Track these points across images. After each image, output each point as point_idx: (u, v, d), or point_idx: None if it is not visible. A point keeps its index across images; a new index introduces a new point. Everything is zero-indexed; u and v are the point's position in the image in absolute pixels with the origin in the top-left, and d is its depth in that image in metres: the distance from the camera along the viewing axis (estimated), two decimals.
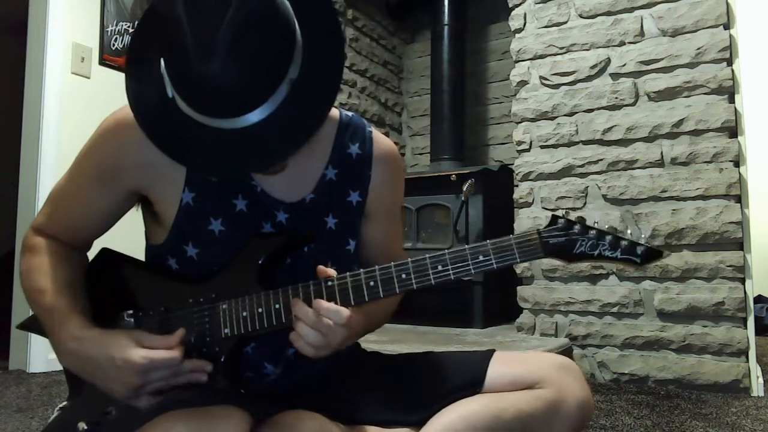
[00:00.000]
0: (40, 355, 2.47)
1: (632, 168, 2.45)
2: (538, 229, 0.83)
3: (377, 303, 0.89)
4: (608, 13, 2.55)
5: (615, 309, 2.42)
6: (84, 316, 0.85)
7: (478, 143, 3.73)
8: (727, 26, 2.31)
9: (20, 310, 2.48)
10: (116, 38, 2.77)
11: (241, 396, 0.87)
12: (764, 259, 3.09)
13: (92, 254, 0.98)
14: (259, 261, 0.86)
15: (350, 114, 1.02)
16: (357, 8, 3.60)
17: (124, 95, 0.80)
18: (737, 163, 2.25)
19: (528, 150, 2.69)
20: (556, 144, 2.62)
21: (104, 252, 0.96)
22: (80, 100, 2.62)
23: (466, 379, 0.91)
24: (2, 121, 3.76)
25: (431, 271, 0.82)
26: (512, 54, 2.78)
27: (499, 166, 3.05)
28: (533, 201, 2.65)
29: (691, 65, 2.36)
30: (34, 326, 0.93)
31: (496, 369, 0.91)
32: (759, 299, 3.80)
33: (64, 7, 2.59)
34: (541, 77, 2.68)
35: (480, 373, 0.91)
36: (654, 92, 2.42)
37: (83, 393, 0.90)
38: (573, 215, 0.83)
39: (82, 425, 0.85)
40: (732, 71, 2.28)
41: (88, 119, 1.93)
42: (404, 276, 0.83)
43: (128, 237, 1.15)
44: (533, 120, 2.68)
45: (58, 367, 2.40)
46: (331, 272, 0.85)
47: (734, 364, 2.18)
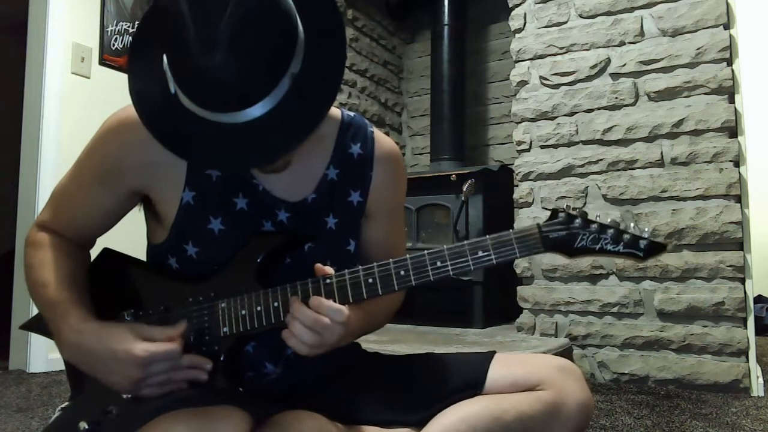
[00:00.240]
0: (40, 355, 2.47)
1: (632, 168, 2.44)
2: (538, 224, 0.82)
3: (377, 302, 0.89)
4: (608, 13, 2.55)
5: (615, 309, 2.42)
6: (86, 310, 0.85)
7: (478, 143, 3.73)
8: (727, 26, 2.31)
9: (20, 310, 2.48)
10: (116, 38, 2.77)
11: (241, 396, 0.86)
12: (764, 259, 3.09)
13: (94, 253, 0.99)
14: (258, 260, 0.86)
15: (352, 114, 1.02)
16: (357, 8, 3.60)
17: (125, 95, 0.81)
18: (737, 163, 2.25)
19: (528, 150, 2.69)
20: (556, 144, 2.62)
21: (105, 252, 0.97)
22: (80, 100, 2.62)
23: (467, 381, 0.91)
24: (2, 121, 3.76)
25: (430, 268, 0.82)
26: (512, 54, 2.78)
27: (499, 166, 3.05)
28: (533, 201, 2.65)
29: (691, 65, 2.36)
30: (37, 327, 0.93)
31: (497, 371, 0.91)
32: (759, 299, 3.80)
33: (64, 7, 2.59)
34: (541, 77, 2.68)
35: (480, 375, 0.91)
36: (654, 92, 2.42)
37: (84, 392, 0.90)
38: (574, 209, 0.82)
39: (83, 425, 0.85)
40: (732, 71, 2.28)
41: (88, 119, 1.93)
42: (403, 273, 0.82)
43: (130, 237, 1.16)
44: (533, 120, 2.68)
45: (58, 367, 2.42)
46: (329, 270, 0.84)
47: (734, 364, 2.18)
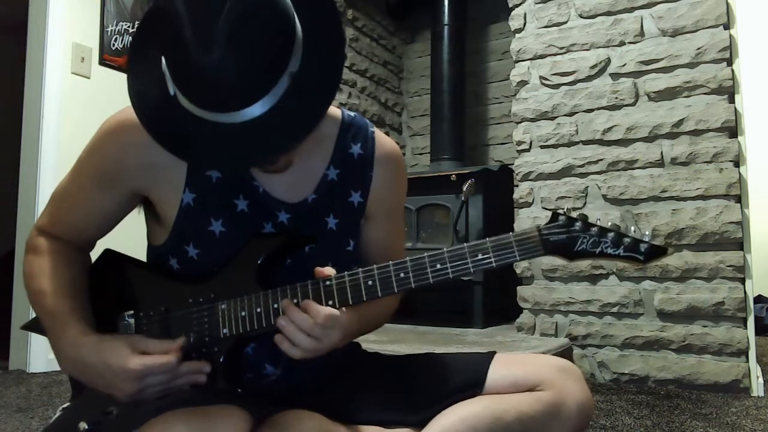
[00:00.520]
0: (40, 355, 2.47)
1: (632, 168, 2.44)
2: (539, 227, 0.82)
3: (375, 303, 0.89)
4: (608, 13, 2.54)
5: (615, 309, 2.42)
6: (84, 321, 0.85)
7: (478, 143, 3.73)
8: (727, 26, 2.31)
9: (20, 310, 2.48)
10: (116, 38, 2.77)
11: (241, 396, 0.87)
12: (764, 259, 3.09)
13: (95, 254, 0.99)
14: (259, 261, 0.86)
15: (353, 114, 1.02)
16: (357, 8, 3.60)
17: (125, 95, 0.80)
18: (737, 163, 2.25)
19: (528, 150, 2.69)
20: (556, 144, 2.62)
21: (106, 253, 0.97)
22: (80, 100, 2.62)
23: (467, 381, 0.91)
24: (2, 121, 3.76)
25: (430, 270, 0.82)
26: (512, 54, 2.78)
27: (499, 166, 3.05)
28: (533, 201, 2.65)
29: (691, 65, 2.35)
30: (38, 327, 0.93)
31: (497, 371, 0.91)
32: (759, 299, 3.80)
33: (64, 7, 2.59)
34: (541, 77, 2.68)
35: (481, 375, 0.91)
36: (654, 92, 2.42)
37: (84, 393, 0.90)
38: (574, 213, 0.82)
39: (83, 425, 0.85)
40: (732, 71, 2.28)
41: (88, 119, 1.93)
42: (402, 275, 0.82)
43: (130, 238, 1.16)
44: (533, 120, 2.68)
45: (59, 367, 2.41)
46: (329, 272, 0.84)
47: (734, 364, 2.18)
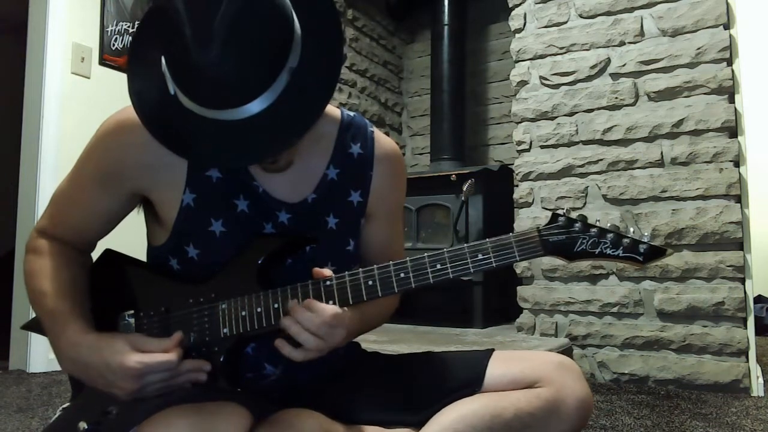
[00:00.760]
0: (40, 355, 2.47)
1: (632, 168, 2.44)
2: (538, 227, 0.82)
3: (374, 303, 0.89)
4: (608, 13, 2.54)
5: (615, 309, 2.42)
6: (83, 321, 0.85)
7: (478, 143, 3.73)
8: (727, 26, 2.31)
9: (20, 310, 2.48)
10: (116, 38, 2.77)
11: (241, 394, 0.87)
12: (764, 259, 3.09)
13: (95, 254, 0.99)
14: (259, 261, 0.86)
15: (352, 114, 1.02)
16: (357, 8, 3.60)
17: (125, 95, 0.81)
18: (737, 163, 2.25)
19: (528, 150, 2.69)
20: (556, 144, 2.62)
21: (107, 253, 0.97)
22: (80, 100, 2.62)
23: (466, 379, 0.91)
24: (2, 121, 3.76)
25: (430, 270, 0.82)
26: (512, 54, 2.78)
27: (499, 166, 3.05)
28: (533, 201, 2.65)
29: (691, 65, 2.35)
30: (38, 327, 0.93)
31: (496, 368, 0.91)
32: (759, 299, 3.80)
33: (64, 7, 2.59)
34: (541, 77, 2.68)
35: (479, 373, 0.91)
36: (654, 92, 2.42)
37: (84, 393, 0.90)
38: (574, 214, 0.83)
39: (83, 425, 0.85)
40: (732, 71, 2.28)
41: (88, 119, 1.93)
42: (403, 275, 0.83)
43: (130, 238, 1.16)
44: (533, 120, 2.68)
45: (58, 367, 2.40)
46: (328, 273, 0.85)
47: (734, 364, 2.18)
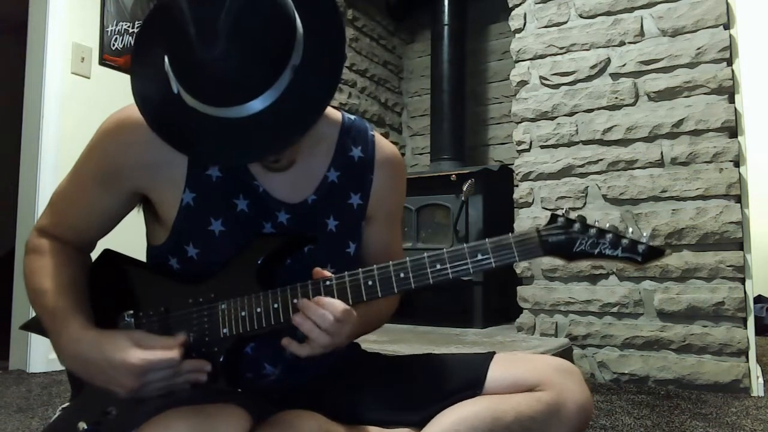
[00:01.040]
0: (40, 355, 2.47)
1: (632, 168, 2.44)
2: (538, 228, 0.82)
3: (375, 304, 0.89)
4: (608, 13, 2.54)
5: (615, 309, 2.42)
6: (85, 318, 0.85)
7: (478, 143, 3.73)
8: (727, 26, 2.31)
9: (20, 310, 2.48)
10: (116, 38, 2.77)
11: (241, 395, 0.87)
12: (764, 259, 3.09)
13: (95, 254, 0.99)
14: (258, 261, 0.86)
15: (353, 117, 1.03)
16: (357, 8, 3.60)
17: (125, 95, 0.81)
18: (737, 163, 2.25)
19: (528, 150, 2.69)
20: (556, 144, 2.62)
21: (106, 253, 0.97)
22: (80, 100, 2.62)
23: (467, 381, 0.91)
24: (2, 121, 3.76)
25: (429, 270, 0.82)
26: (512, 54, 2.78)
27: (499, 166, 3.05)
28: (533, 201, 2.65)
29: (691, 65, 2.35)
30: (37, 327, 0.93)
31: (497, 371, 0.91)
32: (759, 299, 3.80)
33: (64, 7, 2.59)
34: (541, 77, 2.68)
35: (480, 375, 0.91)
36: (654, 92, 2.42)
37: (83, 393, 0.90)
38: (573, 214, 0.83)
39: (83, 425, 0.85)
40: (732, 71, 2.28)
41: (88, 119, 1.93)
42: (402, 275, 0.83)
43: (130, 238, 1.16)
44: (533, 120, 2.68)
45: (58, 367, 2.41)
46: (327, 274, 0.85)
47: (734, 364, 2.18)
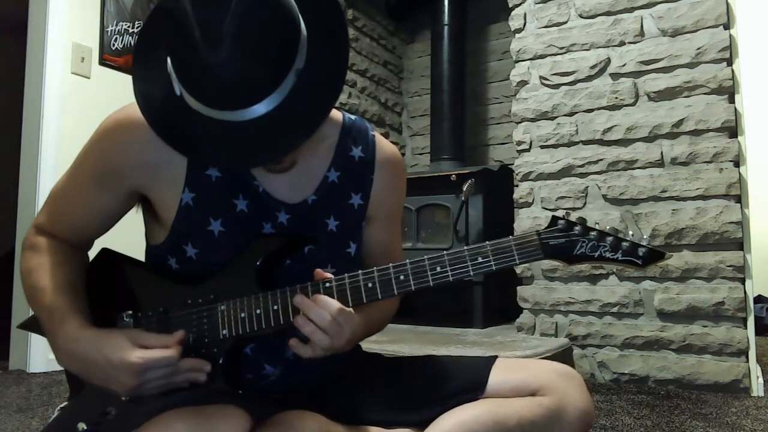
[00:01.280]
0: (40, 355, 2.47)
1: (632, 168, 2.44)
2: (538, 231, 0.82)
3: (375, 307, 0.89)
4: (608, 13, 2.54)
5: (615, 309, 2.42)
6: (82, 316, 0.85)
7: (478, 143, 3.73)
8: (727, 26, 2.31)
9: (20, 310, 2.48)
10: (116, 38, 2.77)
11: (241, 395, 0.87)
12: (764, 259, 3.09)
13: (92, 254, 0.98)
14: (258, 262, 0.86)
15: (353, 117, 1.03)
16: (357, 8, 3.59)
17: (125, 95, 0.81)
18: (737, 163, 2.25)
19: (528, 150, 2.69)
20: (556, 144, 2.62)
21: (104, 252, 0.97)
22: (80, 100, 2.62)
23: (468, 383, 0.91)
24: (2, 122, 3.76)
25: (430, 273, 0.82)
26: (512, 54, 2.78)
27: (499, 166, 3.05)
28: (533, 201, 2.65)
29: (691, 65, 2.35)
30: (35, 326, 0.93)
31: (498, 375, 0.91)
32: (759, 299, 3.80)
33: (64, 7, 2.59)
34: (541, 77, 2.68)
35: (482, 378, 0.90)
36: (654, 92, 2.42)
37: (83, 393, 0.90)
38: (573, 216, 0.83)
39: (82, 425, 0.85)
40: (732, 71, 2.28)
41: (88, 119, 1.93)
42: (402, 278, 0.83)
43: (128, 237, 1.16)
44: (533, 120, 2.68)
45: (58, 367, 2.41)
46: (328, 275, 0.85)
47: (734, 364, 2.18)
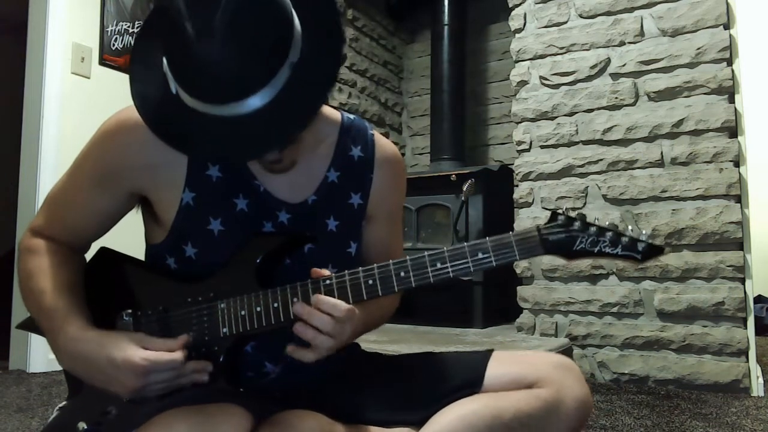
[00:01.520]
0: (40, 355, 2.47)
1: (632, 168, 2.44)
2: (538, 226, 0.82)
3: (375, 303, 0.89)
4: (608, 13, 2.55)
5: (615, 309, 2.42)
6: (84, 317, 0.85)
7: (478, 143, 3.73)
8: (727, 26, 2.31)
9: (20, 310, 2.48)
10: (116, 38, 2.77)
11: (242, 395, 0.87)
12: (764, 259, 3.09)
13: (90, 254, 0.98)
14: (258, 260, 0.86)
15: (352, 117, 1.03)
16: (357, 8, 3.60)
17: (125, 95, 0.81)
18: (737, 163, 2.25)
19: (528, 150, 2.69)
20: (556, 144, 2.62)
21: (102, 251, 0.97)
22: (80, 100, 2.62)
23: (465, 380, 0.91)
24: (2, 121, 3.76)
25: (430, 269, 0.82)
26: (512, 54, 2.78)
27: (499, 166, 3.05)
28: (533, 201, 2.65)
29: (691, 65, 2.35)
30: (34, 326, 0.93)
31: (495, 369, 0.91)
32: (759, 299, 3.80)
33: (64, 7, 2.59)
34: (541, 77, 2.68)
35: (479, 374, 0.91)
36: (654, 92, 2.42)
37: (83, 393, 0.90)
38: (573, 213, 0.83)
39: (82, 425, 0.85)
40: (732, 71, 2.28)
41: (88, 119, 1.93)
42: (402, 274, 0.83)
43: (128, 237, 1.15)
44: (533, 120, 2.68)
45: (58, 367, 2.39)
46: (326, 272, 0.85)
47: (734, 364, 2.18)
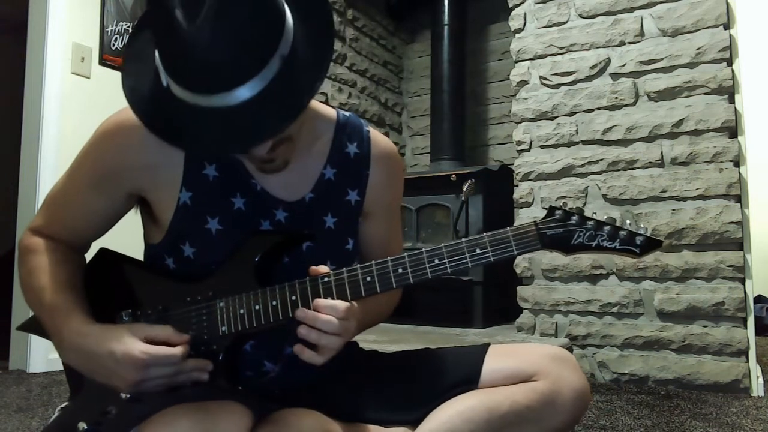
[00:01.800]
0: (40, 355, 2.47)
1: (632, 168, 2.44)
2: (536, 221, 0.83)
3: (376, 299, 0.89)
4: (608, 13, 2.54)
5: (615, 309, 2.41)
6: (85, 313, 0.85)
7: (478, 143, 3.73)
8: (727, 26, 2.31)
9: (20, 310, 2.48)
10: (116, 38, 2.77)
11: (242, 393, 0.87)
12: (764, 259, 3.09)
13: (90, 254, 0.98)
14: (256, 259, 0.86)
15: (347, 114, 1.03)
16: (357, 8, 3.60)
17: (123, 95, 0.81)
18: (737, 163, 2.25)
19: (528, 150, 2.69)
20: (556, 144, 2.62)
21: (102, 252, 0.97)
22: (80, 100, 2.62)
23: (462, 376, 0.91)
24: (2, 121, 3.76)
25: (428, 265, 0.82)
26: (512, 54, 2.78)
27: (499, 166, 3.05)
28: (533, 201, 2.65)
29: (691, 65, 2.35)
30: (34, 327, 0.93)
31: (492, 364, 0.92)
32: (759, 299, 3.80)
33: (64, 7, 2.59)
34: (541, 77, 2.68)
35: (476, 369, 0.91)
36: (654, 92, 2.42)
37: (83, 392, 0.90)
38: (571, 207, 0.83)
39: (83, 425, 0.85)
40: (732, 71, 2.28)
41: (88, 119, 1.93)
42: (401, 271, 0.83)
43: (127, 237, 1.16)
44: (533, 120, 2.68)
45: (58, 367, 2.41)
46: (324, 269, 0.85)
47: (734, 364, 2.18)
